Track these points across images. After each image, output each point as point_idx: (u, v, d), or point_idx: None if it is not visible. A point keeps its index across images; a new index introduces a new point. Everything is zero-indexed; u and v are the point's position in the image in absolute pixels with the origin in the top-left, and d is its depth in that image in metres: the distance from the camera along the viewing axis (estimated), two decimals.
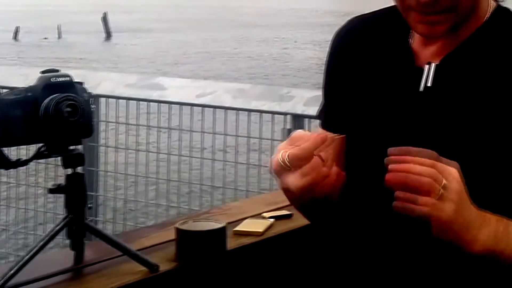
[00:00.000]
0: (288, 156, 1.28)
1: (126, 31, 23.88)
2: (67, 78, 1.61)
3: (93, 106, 1.67)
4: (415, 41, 1.39)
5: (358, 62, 1.44)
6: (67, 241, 1.58)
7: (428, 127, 1.34)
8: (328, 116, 1.51)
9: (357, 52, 1.45)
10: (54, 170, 3.86)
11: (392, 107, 1.38)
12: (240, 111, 3.83)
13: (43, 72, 1.64)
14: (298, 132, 1.33)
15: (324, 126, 1.50)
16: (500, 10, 1.38)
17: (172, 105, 3.89)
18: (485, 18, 1.36)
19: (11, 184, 4.13)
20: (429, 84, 1.34)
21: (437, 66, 1.35)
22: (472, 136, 1.31)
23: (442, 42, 1.35)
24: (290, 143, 1.30)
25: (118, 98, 3.94)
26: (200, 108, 3.87)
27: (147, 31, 23.89)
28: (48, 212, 3.99)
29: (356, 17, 1.51)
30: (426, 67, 1.35)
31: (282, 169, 1.29)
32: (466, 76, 1.33)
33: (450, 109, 1.33)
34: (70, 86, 1.60)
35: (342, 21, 1.54)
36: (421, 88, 1.35)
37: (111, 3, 31.04)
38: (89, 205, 1.63)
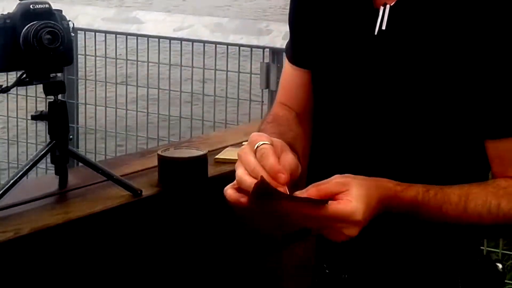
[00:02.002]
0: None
1: None
2: (46, 6, 1.61)
3: (72, 35, 1.67)
4: None
5: None
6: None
7: (383, 70, 1.33)
8: (294, 50, 1.51)
9: None
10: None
11: (350, 48, 1.37)
12: (218, 45, 3.81)
13: None
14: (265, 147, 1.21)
15: (291, 60, 1.51)
16: None
17: (150, 38, 3.87)
18: None
19: None
20: (383, 28, 1.32)
21: (391, 8, 1.32)
22: (425, 78, 1.30)
23: None
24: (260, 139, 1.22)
25: (96, 31, 3.91)
26: (178, 42, 3.85)
27: None
28: (30, 143, 4.01)
29: None
30: (381, 9, 1.33)
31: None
32: (420, 16, 1.31)
33: (404, 51, 1.31)
34: (49, 14, 1.59)
35: None
36: (376, 31, 1.33)
37: None
38: (70, 137, 1.64)
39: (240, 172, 1.19)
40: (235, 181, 1.20)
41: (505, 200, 1.27)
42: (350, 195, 1.17)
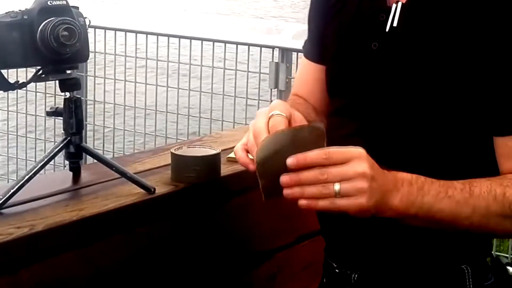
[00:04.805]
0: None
1: None
2: (64, 2, 1.61)
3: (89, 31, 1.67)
4: None
5: None
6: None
7: (393, 66, 1.35)
8: (310, 45, 1.56)
9: None
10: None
11: (361, 44, 1.39)
12: (227, 44, 3.82)
13: None
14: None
15: (307, 55, 1.57)
16: None
17: (160, 36, 3.88)
18: None
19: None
20: (394, 25, 1.34)
21: (403, 5, 1.33)
22: (435, 75, 1.30)
23: None
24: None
25: (106, 29, 3.92)
26: (187, 40, 3.86)
27: None
28: (48, 141, 4.02)
29: None
30: (394, 6, 1.34)
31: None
32: (431, 14, 1.32)
33: (414, 48, 1.32)
34: (66, 10, 1.59)
35: None
36: (387, 28, 1.35)
37: None
38: None
39: (252, 138, 1.23)
40: (246, 140, 1.25)
41: (511, 189, 1.27)
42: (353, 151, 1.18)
